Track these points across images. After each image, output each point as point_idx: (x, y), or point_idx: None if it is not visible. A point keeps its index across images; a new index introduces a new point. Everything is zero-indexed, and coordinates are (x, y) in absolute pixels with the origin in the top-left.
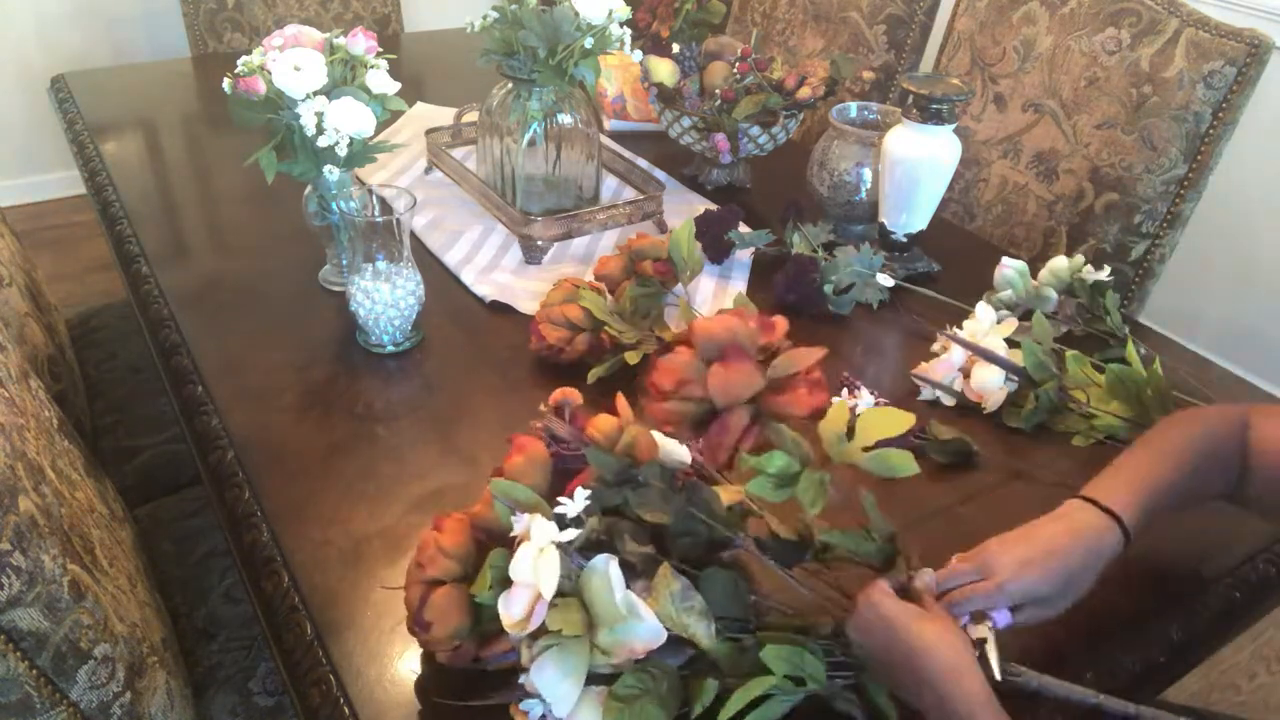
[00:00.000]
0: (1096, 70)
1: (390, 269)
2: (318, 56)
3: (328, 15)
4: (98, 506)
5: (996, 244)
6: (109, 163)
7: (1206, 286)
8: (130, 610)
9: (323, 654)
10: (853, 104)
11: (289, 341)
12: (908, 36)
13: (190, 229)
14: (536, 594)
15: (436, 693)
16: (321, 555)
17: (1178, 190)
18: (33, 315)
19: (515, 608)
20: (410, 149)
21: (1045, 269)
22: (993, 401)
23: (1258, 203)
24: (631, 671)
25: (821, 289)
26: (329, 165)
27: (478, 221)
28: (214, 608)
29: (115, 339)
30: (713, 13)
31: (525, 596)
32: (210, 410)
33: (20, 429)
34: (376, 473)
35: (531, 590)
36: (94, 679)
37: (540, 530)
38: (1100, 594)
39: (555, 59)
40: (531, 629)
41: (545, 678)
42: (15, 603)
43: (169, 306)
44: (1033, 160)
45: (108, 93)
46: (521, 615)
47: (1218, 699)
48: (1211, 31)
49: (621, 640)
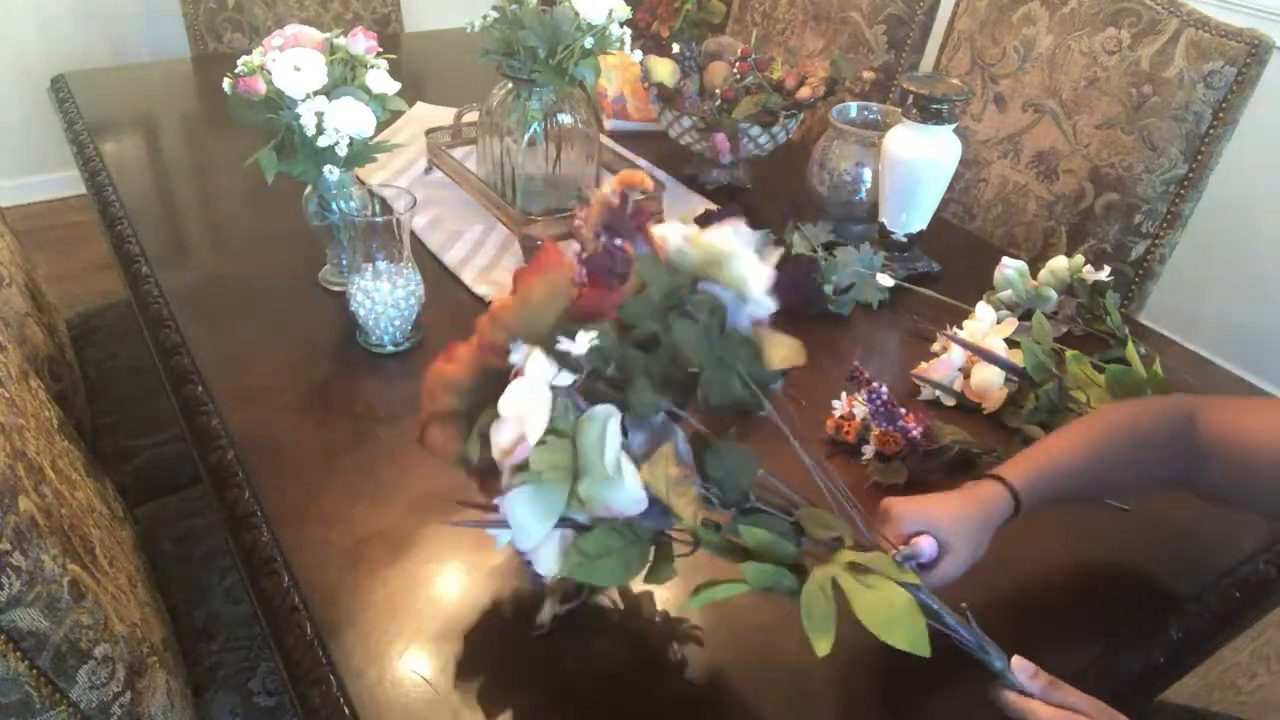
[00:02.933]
0: (1096, 70)
1: (390, 269)
2: (318, 56)
3: (328, 15)
4: (98, 506)
5: (996, 244)
6: (109, 163)
7: (1206, 286)
8: (130, 610)
9: (323, 654)
10: (853, 104)
11: (289, 341)
12: (908, 36)
13: (190, 229)
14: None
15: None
16: (321, 555)
17: (1178, 190)
18: (33, 315)
19: (502, 438)
20: (410, 149)
21: (1045, 269)
22: (993, 402)
23: (1258, 203)
24: (604, 529)
25: (821, 289)
26: (329, 165)
27: (478, 221)
28: (214, 608)
29: (115, 339)
30: (713, 13)
31: (511, 432)
32: (210, 410)
33: (20, 429)
34: (376, 473)
35: (518, 428)
36: (94, 679)
37: (536, 369)
38: (1100, 594)
39: (555, 59)
40: (513, 463)
41: (516, 510)
42: (15, 603)
43: (169, 306)
44: (1033, 160)
45: (108, 93)
46: (507, 446)
47: (1218, 699)
48: (1211, 31)
49: (601, 499)
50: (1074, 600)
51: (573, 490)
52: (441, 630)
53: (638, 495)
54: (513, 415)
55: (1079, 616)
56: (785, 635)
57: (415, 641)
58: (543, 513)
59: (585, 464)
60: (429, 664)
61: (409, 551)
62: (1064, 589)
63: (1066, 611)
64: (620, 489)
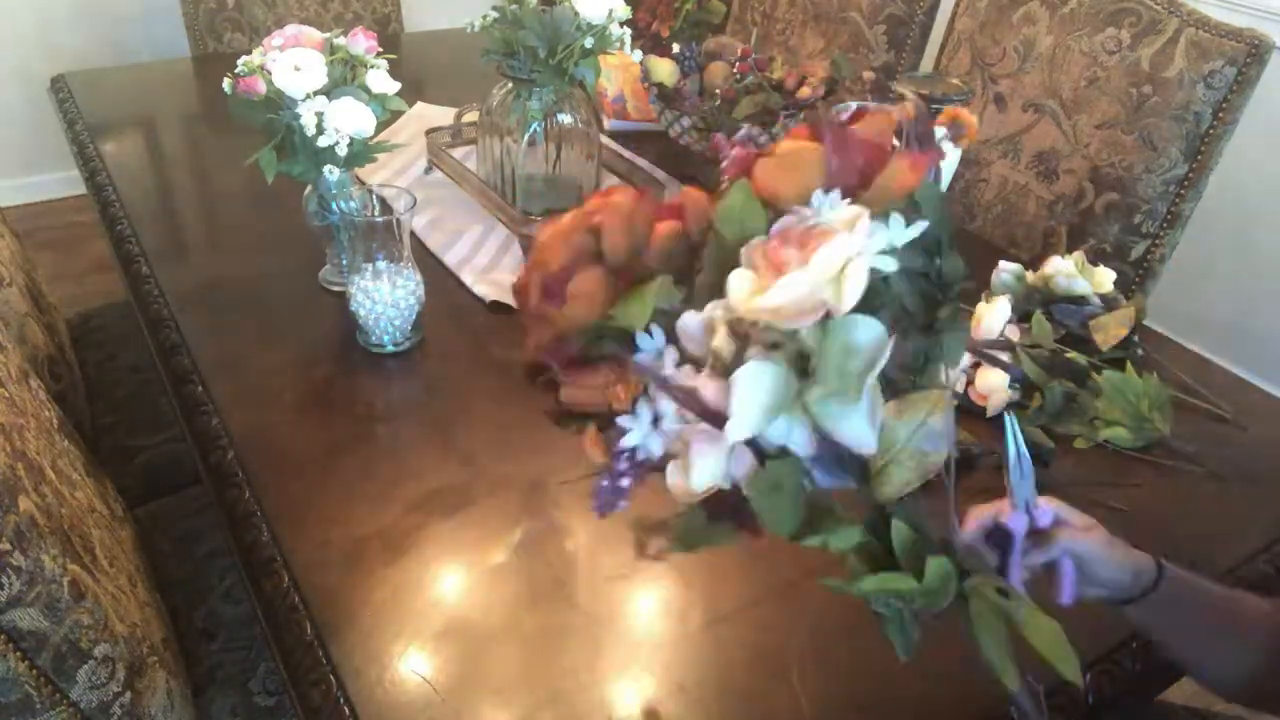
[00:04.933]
0: (1096, 70)
1: (390, 269)
2: (318, 56)
3: (328, 15)
4: (98, 506)
5: (996, 244)
6: (109, 163)
7: (1207, 286)
8: (130, 610)
9: (323, 654)
10: (853, 104)
11: (289, 341)
12: (908, 36)
13: (190, 229)
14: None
15: None
16: (321, 555)
17: (1178, 190)
18: (33, 315)
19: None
20: (410, 149)
21: (1042, 270)
22: (996, 403)
23: (1258, 203)
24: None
25: None
26: (329, 165)
27: (478, 221)
28: (214, 608)
29: (115, 339)
30: (713, 13)
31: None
32: (210, 410)
33: (20, 429)
34: (376, 473)
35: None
36: (94, 679)
37: (860, 232)
38: None
39: (555, 59)
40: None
41: (749, 387)
42: (15, 603)
43: (169, 306)
44: (1033, 160)
45: (108, 93)
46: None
47: (1218, 699)
48: (1211, 31)
49: (827, 418)
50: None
51: (797, 396)
52: (441, 630)
53: (870, 438)
54: (813, 279)
55: (1079, 616)
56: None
57: (415, 641)
58: (769, 404)
59: (827, 374)
60: (429, 664)
61: (409, 551)
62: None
63: (1066, 611)
64: (858, 420)
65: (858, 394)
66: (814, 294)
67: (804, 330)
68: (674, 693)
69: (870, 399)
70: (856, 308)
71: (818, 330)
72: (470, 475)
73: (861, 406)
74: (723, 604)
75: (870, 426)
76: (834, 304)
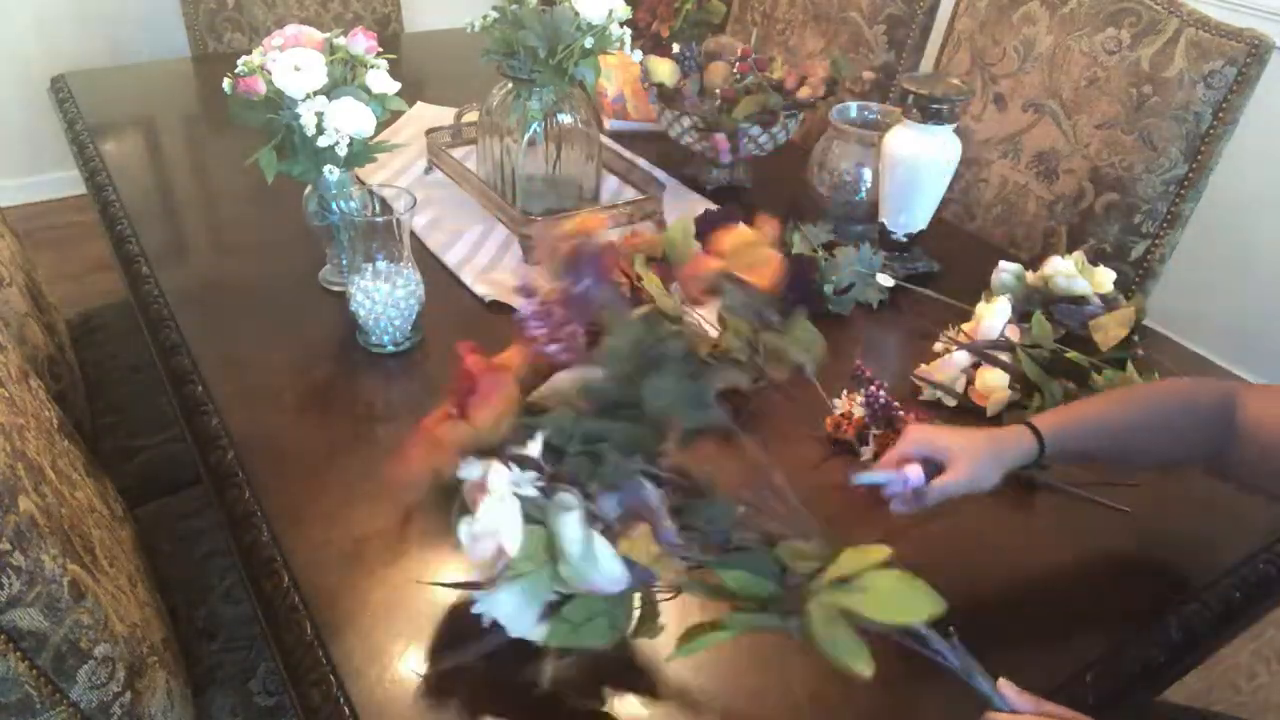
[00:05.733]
0: (1096, 70)
1: (390, 269)
2: (318, 56)
3: (328, 15)
4: (98, 506)
5: (996, 244)
6: (109, 163)
7: (1206, 286)
8: (130, 610)
9: (323, 654)
10: (853, 104)
11: (289, 341)
12: (908, 36)
13: (190, 229)
14: (499, 546)
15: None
16: (321, 555)
17: (1178, 190)
18: (33, 315)
19: (481, 552)
20: (410, 149)
21: (1042, 270)
22: (996, 403)
23: (1258, 203)
24: (584, 598)
25: (821, 289)
26: (329, 165)
27: (478, 221)
28: (214, 608)
29: (115, 339)
30: (713, 13)
31: (489, 546)
32: (210, 410)
33: (20, 429)
34: (376, 473)
35: (494, 542)
36: (94, 679)
37: (498, 481)
38: (1100, 593)
39: (555, 59)
40: (496, 574)
41: (505, 609)
42: (15, 603)
43: (169, 306)
44: (1033, 160)
45: (108, 93)
46: (489, 559)
47: (1218, 699)
48: (1211, 31)
49: (583, 580)
50: (1074, 600)
51: (554, 571)
52: (441, 630)
53: (618, 574)
54: (486, 532)
55: (1079, 616)
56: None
57: (415, 641)
58: (530, 602)
59: (562, 549)
60: (429, 664)
61: (409, 551)
62: (1064, 589)
63: (1066, 611)
64: (598, 571)
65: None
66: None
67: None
68: (674, 693)
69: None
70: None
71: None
72: None
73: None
74: (722, 604)
75: (616, 570)
76: (508, 548)
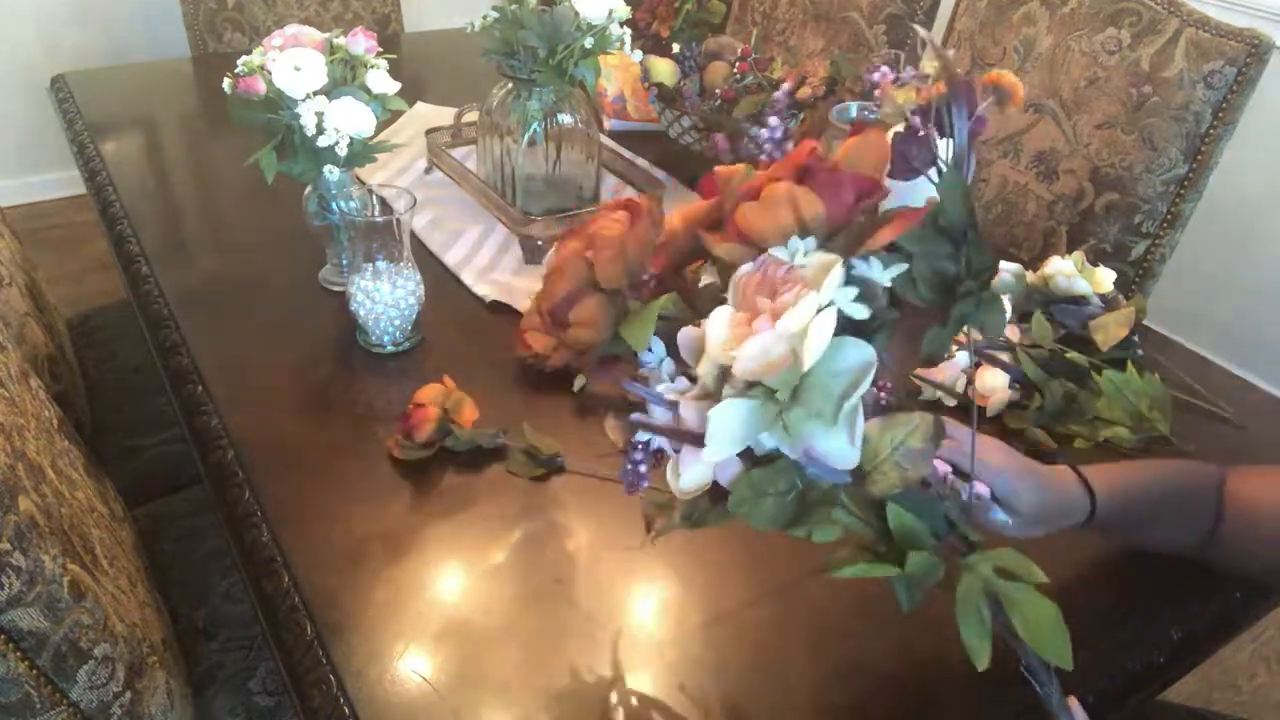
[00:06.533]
0: (1096, 70)
1: (390, 269)
2: (318, 56)
3: (328, 15)
4: (98, 506)
5: (997, 244)
6: (109, 163)
7: (1207, 286)
8: (130, 610)
9: (323, 654)
10: (853, 104)
11: (289, 341)
12: (908, 36)
13: (190, 229)
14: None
15: None
16: (321, 555)
17: (1178, 190)
18: (33, 315)
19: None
20: (410, 149)
21: (1042, 270)
22: (996, 403)
23: (1258, 203)
24: (781, 467)
25: None
26: (329, 165)
27: (478, 221)
28: (214, 608)
29: (115, 339)
30: (713, 13)
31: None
32: (210, 410)
33: (20, 429)
34: (376, 473)
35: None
36: (94, 679)
37: (832, 284)
38: (1100, 593)
39: (555, 59)
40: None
41: (722, 422)
42: (15, 603)
43: (169, 306)
44: (1033, 160)
45: (108, 93)
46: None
47: (1218, 699)
48: (1211, 31)
49: (809, 440)
50: (1074, 600)
51: (779, 414)
52: (441, 630)
53: (852, 455)
54: (783, 333)
55: (1079, 616)
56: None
57: (415, 641)
58: (745, 432)
59: (808, 393)
60: (429, 664)
61: (409, 551)
62: (1063, 589)
63: (1066, 611)
64: (837, 440)
65: (834, 418)
66: (780, 350)
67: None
68: (673, 692)
69: (848, 421)
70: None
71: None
72: (470, 475)
73: (840, 427)
74: (722, 603)
75: (850, 444)
76: (801, 359)
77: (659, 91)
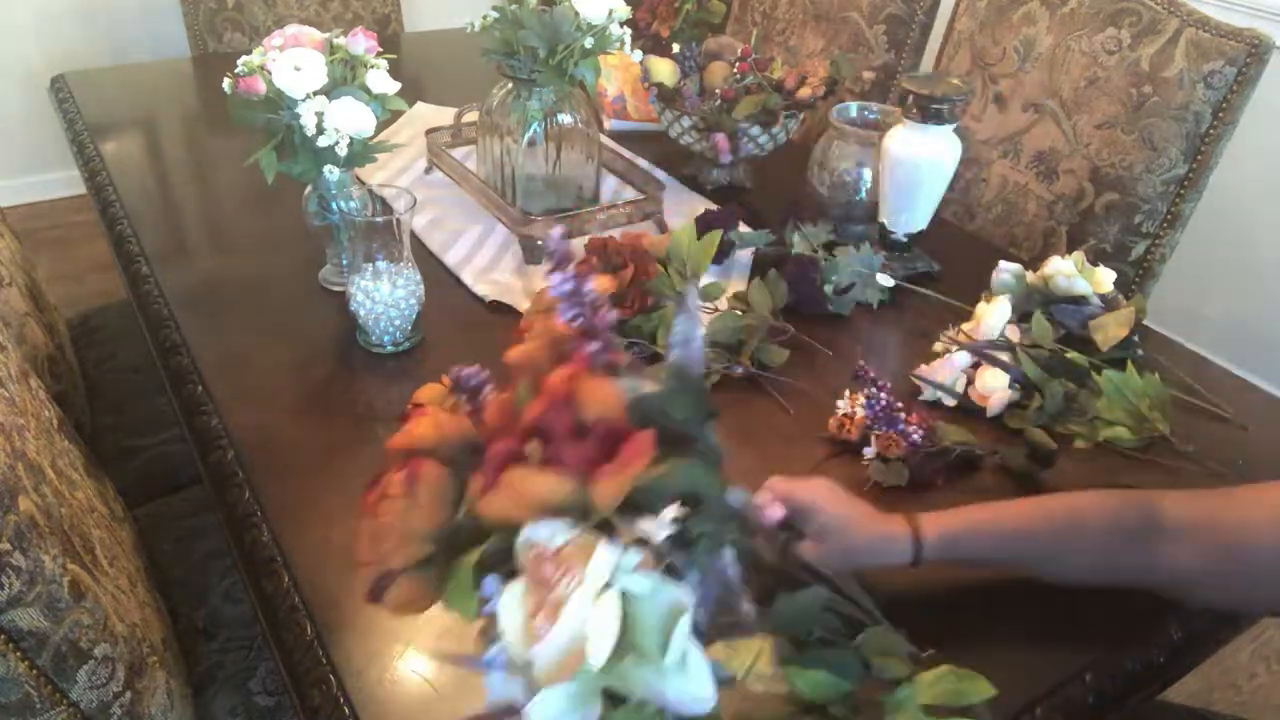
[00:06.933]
0: (1096, 70)
1: (390, 269)
2: (318, 56)
3: (328, 15)
4: (98, 506)
5: (997, 244)
6: (109, 163)
7: (1207, 286)
8: (130, 610)
9: (323, 654)
10: (853, 104)
11: (289, 341)
12: (908, 36)
13: (190, 229)
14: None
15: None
16: (321, 555)
17: (1178, 190)
18: (33, 315)
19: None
20: (410, 149)
21: (1042, 270)
22: (996, 403)
23: (1258, 203)
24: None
25: (821, 289)
26: (329, 165)
27: (478, 221)
28: (214, 608)
29: (115, 339)
30: (713, 13)
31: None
32: (210, 410)
33: (20, 429)
34: (376, 473)
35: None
36: (94, 679)
37: (600, 565)
38: (1100, 593)
39: (555, 59)
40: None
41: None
42: (15, 603)
43: (169, 306)
44: (1033, 160)
45: (108, 93)
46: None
47: (1218, 699)
48: (1211, 31)
49: (656, 690)
50: (1074, 600)
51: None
52: (441, 630)
53: (707, 695)
54: (569, 631)
55: (1079, 616)
56: None
57: (415, 641)
58: (580, 703)
59: (637, 644)
60: (429, 664)
61: None
62: (1063, 588)
63: (1066, 611)
64: (684, 682)
65: (664, 669)
66: (574, 649)
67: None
68: None
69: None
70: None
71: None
72: None
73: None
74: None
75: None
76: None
77: (659, 91)
